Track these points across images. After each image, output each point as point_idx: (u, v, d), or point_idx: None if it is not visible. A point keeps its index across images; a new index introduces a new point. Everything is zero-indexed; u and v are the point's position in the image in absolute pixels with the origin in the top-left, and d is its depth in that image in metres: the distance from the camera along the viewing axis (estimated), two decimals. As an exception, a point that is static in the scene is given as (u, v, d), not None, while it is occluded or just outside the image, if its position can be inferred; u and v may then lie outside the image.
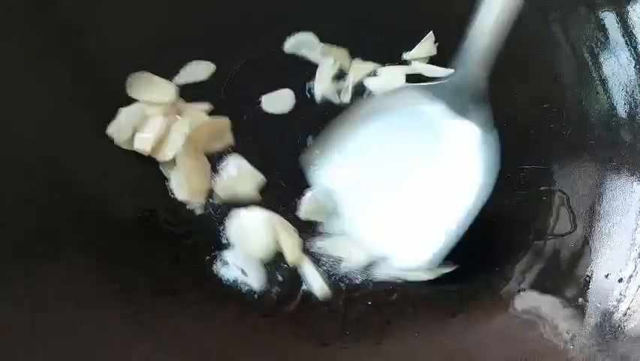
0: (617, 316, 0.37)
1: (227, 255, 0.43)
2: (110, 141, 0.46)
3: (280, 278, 0.43)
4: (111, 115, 0.46)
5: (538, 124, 0.47)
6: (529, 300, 0.40)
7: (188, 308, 0.41)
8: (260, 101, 0.48)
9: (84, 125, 0.46)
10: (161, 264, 0.43)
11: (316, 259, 0.43)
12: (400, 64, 0.49)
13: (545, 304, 0.39)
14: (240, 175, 0.45)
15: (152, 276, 0.42)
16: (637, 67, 0.44)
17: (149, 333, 0.39)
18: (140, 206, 0.45)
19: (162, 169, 0.45)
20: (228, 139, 0.46)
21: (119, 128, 0.45)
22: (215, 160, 0.46)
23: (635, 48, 0.44)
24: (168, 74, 0.48)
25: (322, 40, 0.50)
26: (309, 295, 0.42)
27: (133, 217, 0.45)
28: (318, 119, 0.46)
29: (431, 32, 0.49)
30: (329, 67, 0.49)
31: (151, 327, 0.39)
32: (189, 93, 0.47)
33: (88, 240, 0.42)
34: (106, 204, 0.44)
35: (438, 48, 0.49)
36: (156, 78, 0.47)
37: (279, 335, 0.41)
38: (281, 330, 0.41)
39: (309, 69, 0.49)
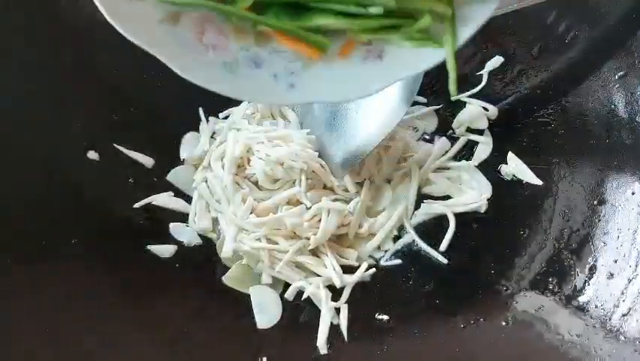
0: (617, 316, 0.37)
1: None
2: (109, 140, 0.46)
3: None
4: (111, 115, 0.46)
5: (539, 124, 0.47)
6: (529, 300, 0.40)
7: (190, 309, 0.41)
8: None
9: (85, 125, 0.46)
10: (162, 264, 0.43)
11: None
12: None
13: (545, 304, 0.39)
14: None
15: (153, 276, 0.42)
16: (637, 67, 0.43)
17: (149, 333, 0.39)
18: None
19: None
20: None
21: None
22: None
23: (635, 48, 0.44)
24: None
25: None
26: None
27: (133, 217, 0.45)
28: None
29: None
30: None
31: (152, 328, 0.40)
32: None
33: (88, 240, 0.42)
34: (106, 204, 0.45)
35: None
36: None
37: (279, 336, 0.41)
38: (281, 330, 0.41)
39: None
